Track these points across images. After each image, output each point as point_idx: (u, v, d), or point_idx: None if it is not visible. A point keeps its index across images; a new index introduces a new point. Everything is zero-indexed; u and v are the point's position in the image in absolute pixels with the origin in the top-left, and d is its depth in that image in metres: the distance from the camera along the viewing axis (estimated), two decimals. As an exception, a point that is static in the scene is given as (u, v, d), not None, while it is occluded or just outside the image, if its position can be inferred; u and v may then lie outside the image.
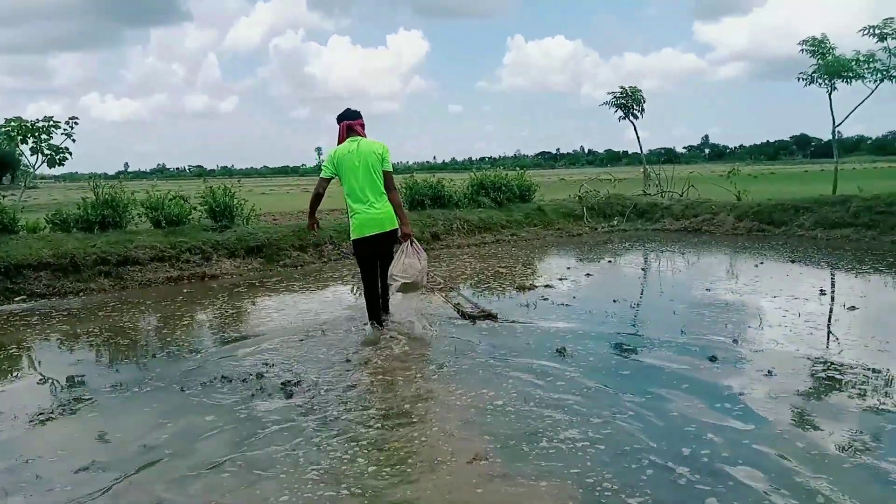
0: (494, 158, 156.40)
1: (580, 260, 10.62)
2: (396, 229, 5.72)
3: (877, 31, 12.69)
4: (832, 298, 6.98)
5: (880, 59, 13.07)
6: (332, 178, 5.74)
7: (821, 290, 7.30)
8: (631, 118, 17.67)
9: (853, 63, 13.27)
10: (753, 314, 6.25)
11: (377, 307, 5.98)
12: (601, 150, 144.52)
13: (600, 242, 12.81)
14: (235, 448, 3.52)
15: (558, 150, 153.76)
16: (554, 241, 13.09)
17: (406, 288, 5.84)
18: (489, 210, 13.80)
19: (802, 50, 13.73)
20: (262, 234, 10.59)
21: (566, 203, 15.43)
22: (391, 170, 5.73)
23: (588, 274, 8.94)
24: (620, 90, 17.49)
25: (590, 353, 5.16)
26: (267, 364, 5.05)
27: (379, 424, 3.84)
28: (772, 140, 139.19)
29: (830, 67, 13.37)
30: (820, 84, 13.87)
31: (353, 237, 5.80)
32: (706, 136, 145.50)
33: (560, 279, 8.47)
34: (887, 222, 11.39)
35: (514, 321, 6.22)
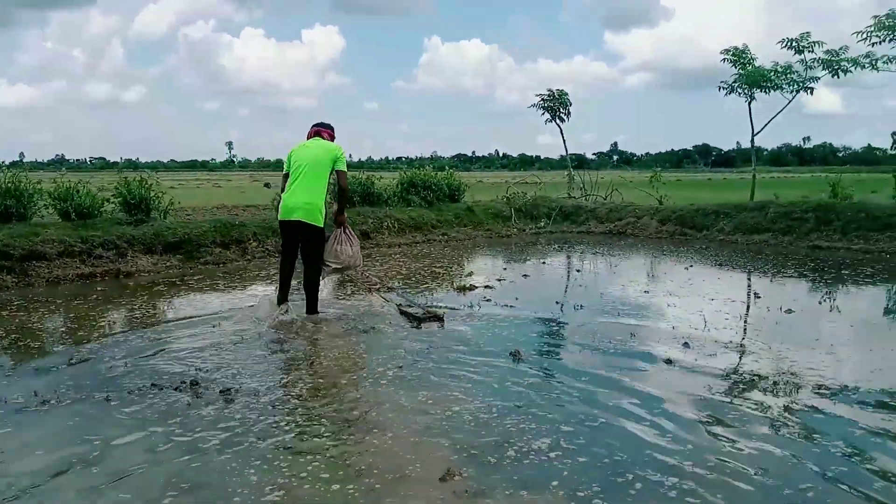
0: (411, 158, 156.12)
1: (513, 261, 10.57)
2: (314, 227, 5.86)
3: (794, 45, 13.29)
4: (765, 301, 7.14)
5: (797, 71, 13.70)
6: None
7: (755, 294, 7.46)
8: (557, 121, 17.86)
9: (772, 74, 13.85)
10: (697, 318, 6.28)
11: (284, 292, 6.16)
12: (515, 154, 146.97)
13: (529, 244, 12.82)
14: (178, 470, 3.12)
15: (473, 152, 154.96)
16: (484, 242, 13.01)
17: (339, 271, 6.49)
18: (419, 209, 13.57)
19: (724, 59, 14.22)
20: (180, 230, 9.96)
21: (494, 204, 15.40)
22: (344, 169, 6.07)
23: (525, 275, 8.86)
24: (548, 93, 17.64)
25: (544, 356, 5.01)
26: (199, 369, 4.63)
27: (333, 434, 3.54)
28: (676, 149, 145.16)
29: (751, 77, 13.90)
30: (739, 93, 14.41)
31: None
32: (615, 143, 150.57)
33: (498, 280, 8.34)
34: (802, 228, 11.91)
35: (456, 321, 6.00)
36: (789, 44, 13.32)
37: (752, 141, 15.48)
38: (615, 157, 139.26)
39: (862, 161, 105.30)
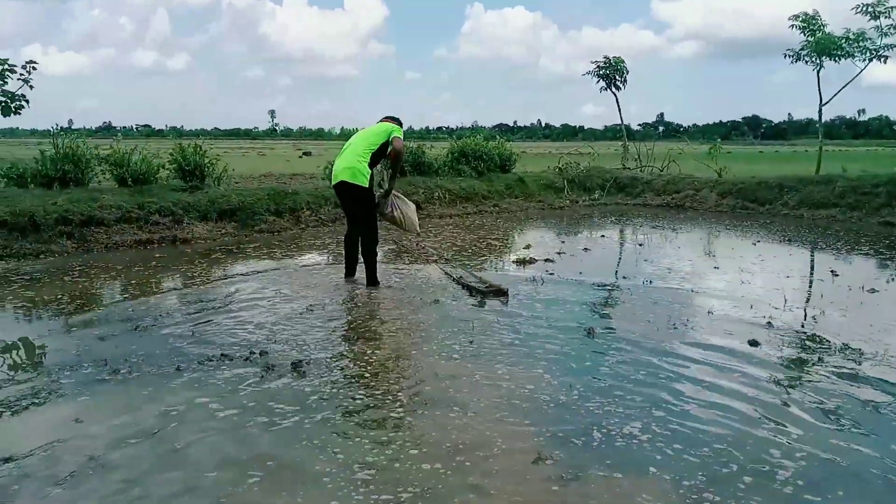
0: (452, 128, 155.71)
1: (570, 233, 10.31)
2: (357, 187, 5.95)
3: (870, 10, 12.56)
4: (844, 280, 6.77)
5: (870, 38, 12.97)
6: None
7: (832, 272, 7.09)
8: (613, 89, 17.32)
9: (843, 41, 13.14)
10: (775, 295, 5.97)
11: (349, 266, 6.43)
12: (557, 125, 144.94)
13: (584, 216, 12.52)
14: (258, 445, 3.01)
15: (515, 122, 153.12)
16: (537, 213, 12.74)
17: (397, 227, 6.69)
18: (469, 179, 13.34)
19: (793, 25, 13.54)
20: (235, 197, 9.93)
21: (546, 175, 15.06)
22: (400, 136, 6.15)
23: (585, 248, 8.60)
24: (604, 60, 17.10)
25: (620, 334, 4.79)
26: (269, 340, 4.54)
27: (411, 410, 3.40)
28: (724, 120, 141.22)
29: (820, 45, 13.22)
30: (807, 61, 13.73)
31: None
32: (661, 114, 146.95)
33: (558, 253, 8.12)
34: (871, 204, 11.36)
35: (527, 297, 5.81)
36: (864, 9, 12.58)
37: (820, 112, 14.81)
38: (661, 128, 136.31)
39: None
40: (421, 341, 4.63)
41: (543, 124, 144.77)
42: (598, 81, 17.31)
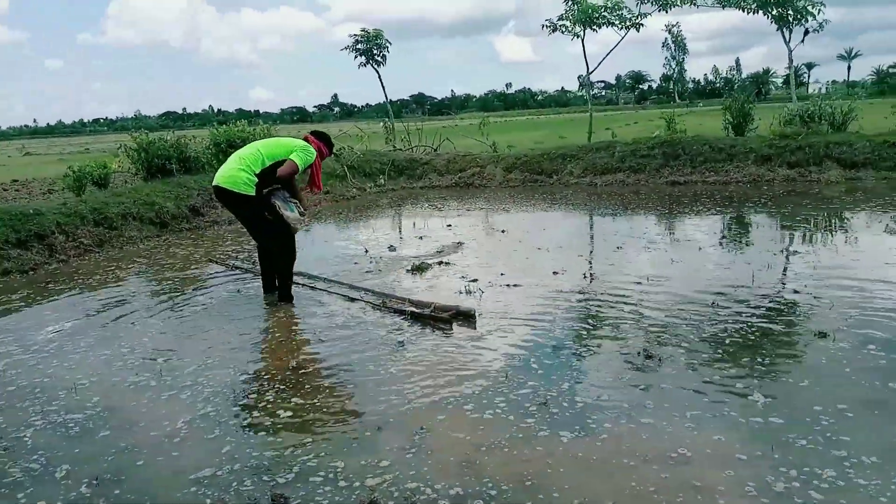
0: (112, 120, 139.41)
1: (407, 225, 9.03)
2: (233, 193, 5.04)
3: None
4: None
5: (626, 7, 13.69)
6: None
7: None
8: (373, 64, 16.11)
9: (604, 10, 13.68)
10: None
11: (266, 279, 5.59)
12: (232, 109, 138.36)
13: (386, 205, 11.32)
14: None
15: (185, 109, 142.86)
16: (330, 208, 11.12)
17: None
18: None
19: (557, -5, 13.75)
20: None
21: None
22: (296, 162, 5.14)
23: (459, 242, 7.43)
24: (362, 33, 15.77)
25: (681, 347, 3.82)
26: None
27: None
28: (393, 99, 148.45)
29: (584, 13, 13.60)
30: (563, 31, 14.08)
31: None
32: (335, 95, 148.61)
33: (438, 251, 6.88)
34: (651, 165, 12.00)
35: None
36: None
37: (588, 79, 15.43)
38: (336, 109, 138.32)
39: (556, 103, 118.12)
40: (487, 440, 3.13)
41: (216, 110, 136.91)
42: (355, 56, 15.99)
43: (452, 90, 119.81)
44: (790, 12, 12.41)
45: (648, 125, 20.12)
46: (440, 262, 6.41)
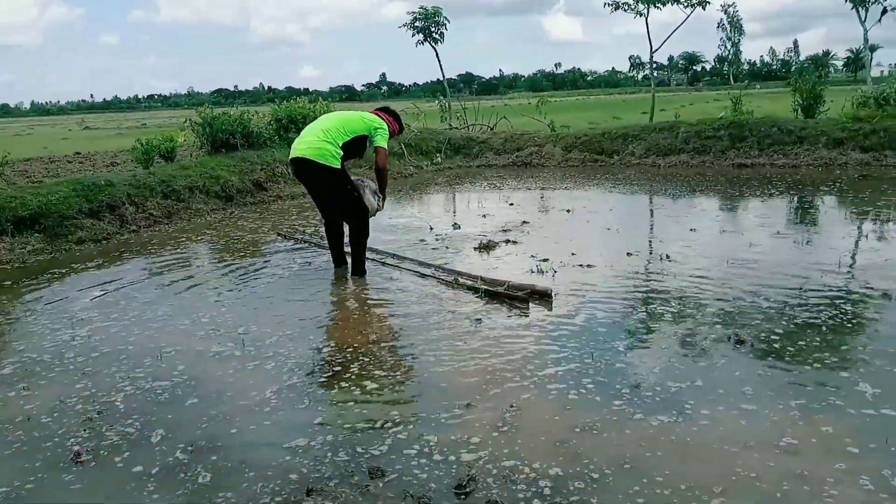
0: (166, 96, 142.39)
1: (468, 202, 8.95)
2: (321, 165, 5.00)
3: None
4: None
5: None
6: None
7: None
8: (431, 42, 16.01)
9: None
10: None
11: (337, 254, 5.56)
12: (282, 88, 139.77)
13: (445, 183, 11.28)
14: None
15: (236, 86, 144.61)
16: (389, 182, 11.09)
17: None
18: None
19: (621, -28, 13.43)
20: (32, 198, 6.92)
21: (378, 139, 13.38)
22: (384, 146, 5.31)
23: (524, 221, 7.32)
24: (420, 10, 15.66)
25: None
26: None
27: None
28: (440, 78, 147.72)
29: None
30: (626, 9, 13.75)
31: None
32: (383, 74, 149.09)
33: (503, 230, 6.80)
34: (717, 147, 11.65)
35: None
36: None
37: (651, 59, 15.08)
38: (384, 88, 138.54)
39: (607, 84, 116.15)
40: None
41: (267, 87, 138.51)
42: (413, 34, 15.90)
43: (501, 69, 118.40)
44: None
45: (705, 107, 19.59)
46: (507, 241, 6.33)
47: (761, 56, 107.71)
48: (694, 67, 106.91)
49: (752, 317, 4.06)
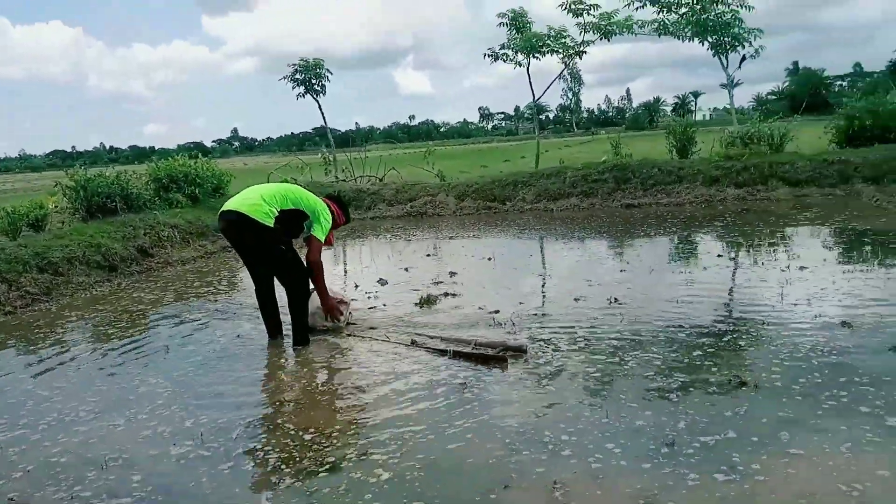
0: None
1: (381, 255, 8.58)
2: (253, 221, 4.59)
3: (572, 7, 13.25)
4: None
5: (569, 35, 13.80)
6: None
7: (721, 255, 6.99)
8: (313, 94, 15.52)
9: (547, 38, 13.72)
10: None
11: (271, 322, 5.10)
12: (125, 147, 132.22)
13: (346, 236, 10.81)
14: None
15: (74, 147, 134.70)
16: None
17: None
18: (189, 209, 10.41)
19: (501, 23, 13.71)
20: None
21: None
22: (319, 237, 4.85)
23: (452, 272, 7.06)
24: (302, 62, 15.16)
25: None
26: None
27: None
28: (297, 132, 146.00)
29: (528, 42, 13.61)
30: (505, 60, 14.06)
31: None
32: (235, 129, 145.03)
33: (434, 282, 6.51)
34: (604, 189, 12.08)
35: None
36: (567, 6, 13.25)
37: (535, 107, 15.39)
38: (236, 144, 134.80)
39: (459, 134, 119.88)
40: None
41: (108, 147, 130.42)
42: (293, 87, 15.37)
43: (357, 122, 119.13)
44: (727, 39, 12.92)
45: (557, 153, 20.52)
46: (445, 294, 6.05)
47: (598, 104, 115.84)
48: (539, 116, 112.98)
49: (739, 355, 4.02)
